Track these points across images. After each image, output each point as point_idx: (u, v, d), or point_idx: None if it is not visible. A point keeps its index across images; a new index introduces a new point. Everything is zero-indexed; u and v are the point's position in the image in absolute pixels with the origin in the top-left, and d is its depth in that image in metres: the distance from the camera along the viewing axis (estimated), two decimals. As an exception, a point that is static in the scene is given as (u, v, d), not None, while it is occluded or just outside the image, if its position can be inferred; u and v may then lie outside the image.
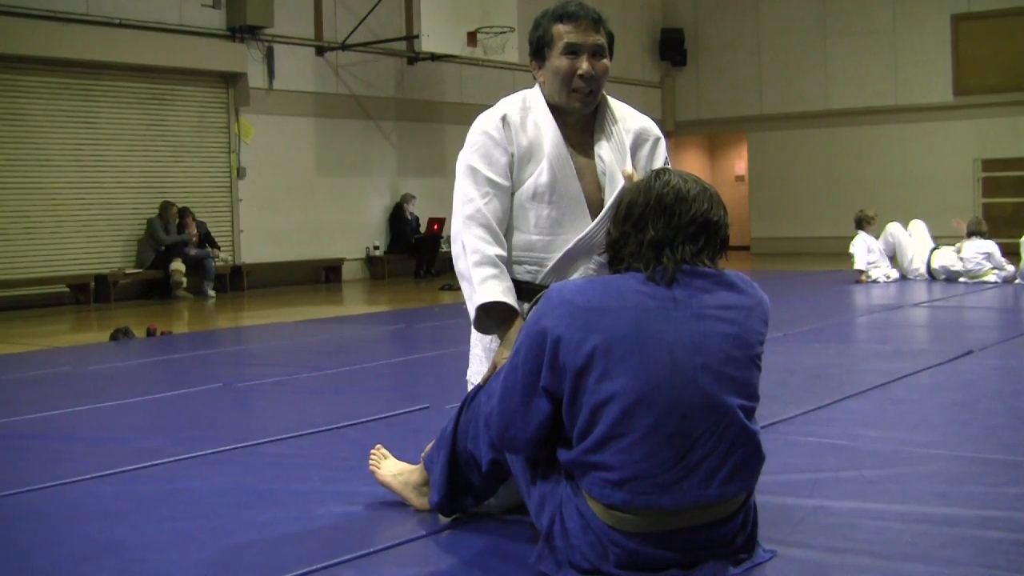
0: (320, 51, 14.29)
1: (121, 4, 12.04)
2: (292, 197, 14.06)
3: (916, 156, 17.98)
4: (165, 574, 2.60)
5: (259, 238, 13.66)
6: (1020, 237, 11.23)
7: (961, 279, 11.12)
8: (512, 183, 2.92)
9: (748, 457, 2.35)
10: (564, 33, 2.88)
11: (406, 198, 15.11)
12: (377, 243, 15.13)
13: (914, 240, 11.73)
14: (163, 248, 12.18)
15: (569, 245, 2.90)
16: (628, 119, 3.03)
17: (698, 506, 2.32)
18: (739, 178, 21.41)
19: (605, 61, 2.90)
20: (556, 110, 2.94)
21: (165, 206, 12.32)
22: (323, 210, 14.41)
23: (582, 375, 2.30)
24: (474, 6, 13.81)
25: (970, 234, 11.29)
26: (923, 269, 11.52)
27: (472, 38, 13.85)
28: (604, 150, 2.96)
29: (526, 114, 2.95)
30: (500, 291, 2.80)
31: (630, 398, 2.27)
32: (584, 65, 2.86)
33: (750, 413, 2.37)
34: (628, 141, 2.98)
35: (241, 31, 13.20)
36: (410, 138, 15.48)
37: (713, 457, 2.30)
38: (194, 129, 13.02)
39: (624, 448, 2.28)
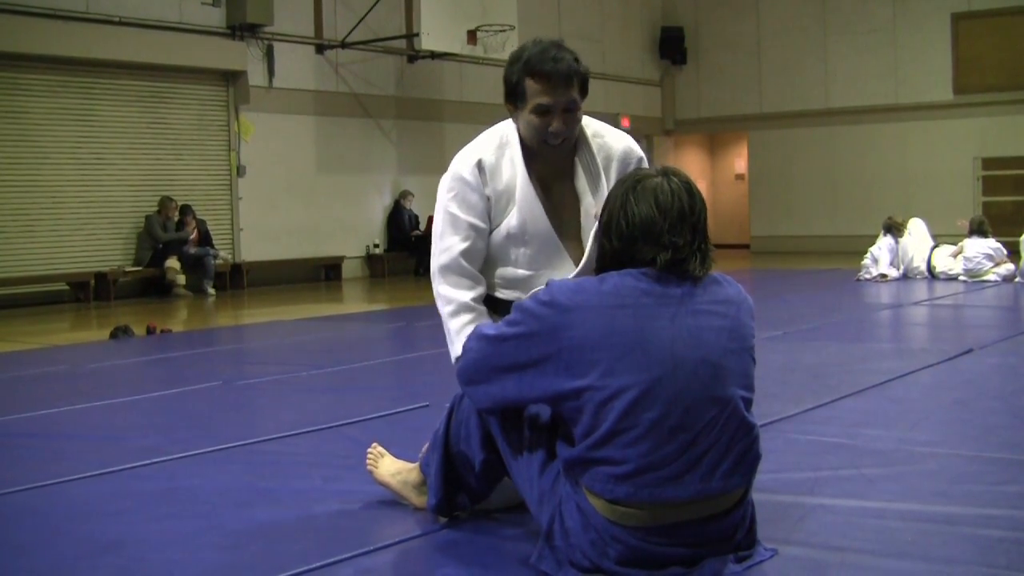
0: (320, 49, 14.28)
1: (121, 2, 12.03)
2: (292, 195, 14.05)
3: (916, 154, 17.97)
4: (164, 572, 2.60)
5: (259, 236, 13.65)
6: (1020, 236, 11.23)
7: (961, 277, 11.11)
8: (490, 224, 2.96)
9: (748, 449, 2.39)
10: (536, 93, 2.82)
11: (404, 195, 15.11)
12: (377, 241, 15.13)
13: (914, 239, 11.73)
14: (160, 245, 12.17)
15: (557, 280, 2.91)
16: (609, 143, 3.02)
17: (700, 499, 2.34)
18: (739, 176, 21.41)
19: (578, 113, 2.88)
20: (529, 148, 2.93)
21: (164, 202, 12.30)
22: (323, 208, 14.40)
23: (584, 374, 2.32)
24: (474, 4, 13.81)
25: (972, 232, 11.29)
26: (923, 268, 11.52)
27: (472, 36, 13.84)
28: (581, 181, 2.97)
29: (502, 153, 2.96)
30: None
31: (634, 393, 2.30)
32: (555, 124, 2.83)
33: (749, 404, 2.42)
34: (613, 167, 2.98)
35: (241, 29, 13.19)
36: (410, 136, 15.48)
37: (715, 449, 2.34)
38: (194, 127, 13.01)
39: (629, 442, 2.30)
